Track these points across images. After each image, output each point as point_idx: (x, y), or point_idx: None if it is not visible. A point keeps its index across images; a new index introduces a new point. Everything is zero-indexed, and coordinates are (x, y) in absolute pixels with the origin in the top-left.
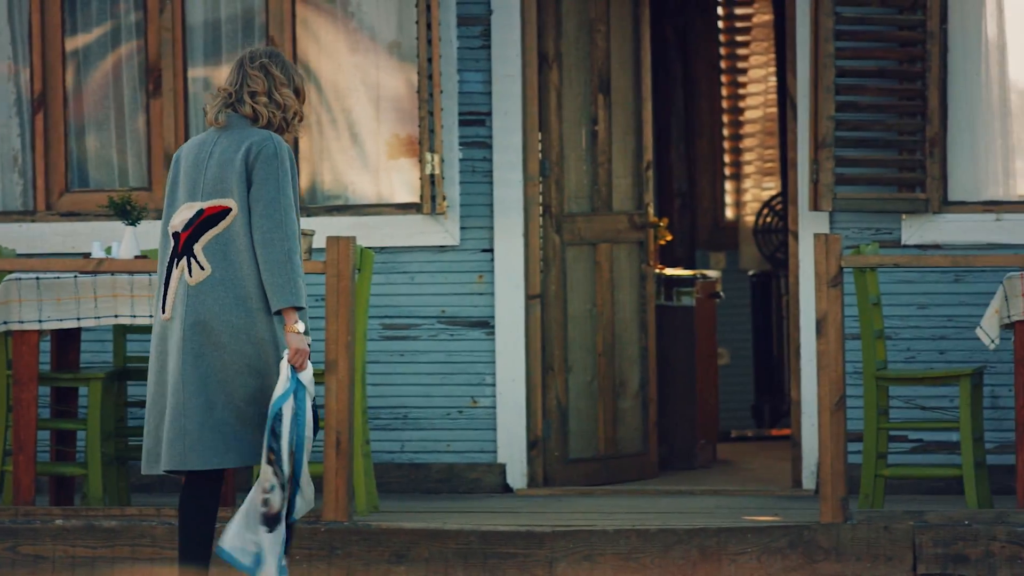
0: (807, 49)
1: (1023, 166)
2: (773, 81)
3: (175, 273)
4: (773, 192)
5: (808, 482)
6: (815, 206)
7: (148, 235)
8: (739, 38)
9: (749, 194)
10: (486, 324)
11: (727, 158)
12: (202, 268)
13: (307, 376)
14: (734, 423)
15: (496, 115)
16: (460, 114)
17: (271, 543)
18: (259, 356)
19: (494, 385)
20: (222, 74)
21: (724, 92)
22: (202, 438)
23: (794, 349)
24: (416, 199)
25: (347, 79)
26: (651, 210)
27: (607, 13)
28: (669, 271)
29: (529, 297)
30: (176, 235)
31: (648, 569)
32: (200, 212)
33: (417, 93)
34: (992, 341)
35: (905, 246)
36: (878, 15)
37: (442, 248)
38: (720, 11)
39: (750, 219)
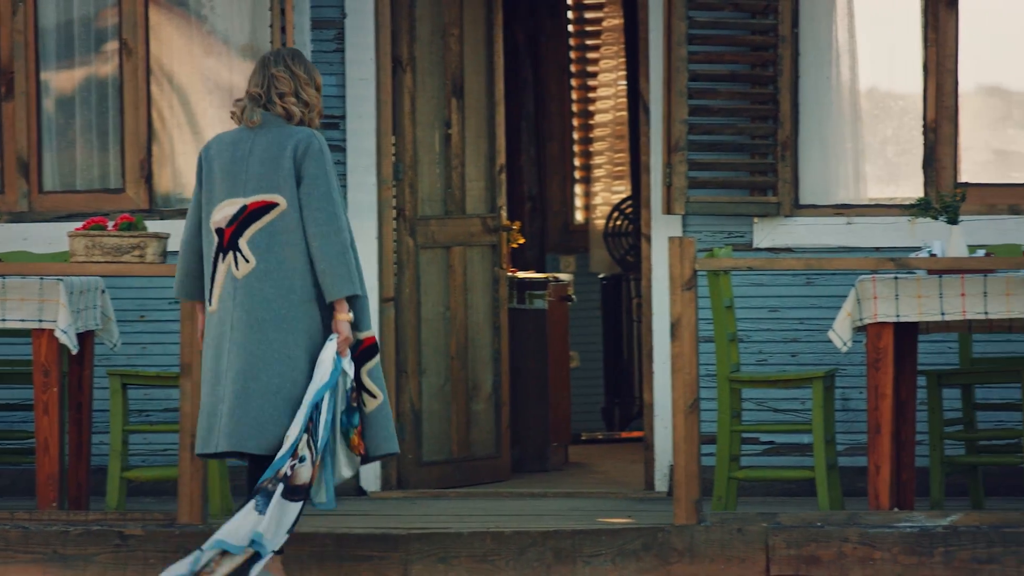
0: (660, 53)
1: (873, 169)
2: (623, 85)
3: (221, 267)
4: (623, 195)
5: (661, 484)
6: (668, 209)
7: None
8: (589, 42)
9: (599, 197)
10: None
11: (577, 161)
12: (247, 261)
13: (347, 363)
14: (584, 426)
15: (350, 119)
16: None
17: (284, 514)
18: (297, 345)
19: None
20: (75, 76)
21: (574, 96)
22: (237, 423)
23: (647, 352)
24: None
25: (201, 82)
26: (504, 213)
27: (460, 17)
28: (521, 274)
29: (383, 300)
30: (220, 231)
31: (503, 571)
32: (244, 208)
33: None
34: (844, 344)
35: (757, 249)
36: (730, 19)
37: None
38: (570, 15)
39: (600, 222)
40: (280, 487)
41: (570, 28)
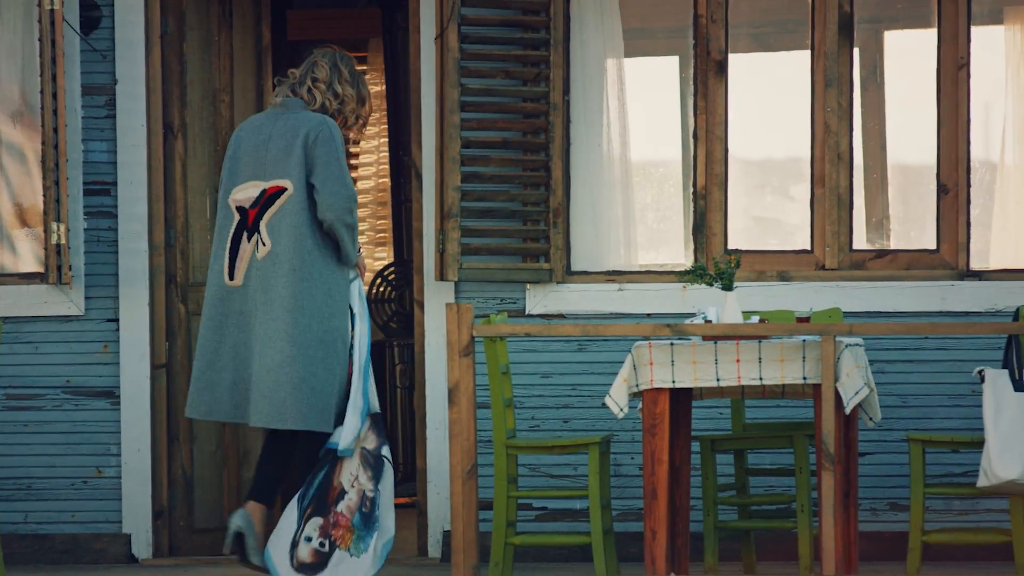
0: (432, 120)
1: (643, 236)
2: (386, 152)
3: (247, 246)
4: (386, 262)
5: (434, 550)
6: (441, 276)
7: None
8: None
9: None
10: (111, 394)
11: None
12: (264, 244)
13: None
14: None
15: (121, 185)
16: (85, 183)
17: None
18: (296, 324)
19: (119, 455)
20: None
21: None
22: (281, 403)
23: (420, 417)
24: (41, 269)
25: None
26: None
27: (231, 83)
28: None
29: (154, 367)
30: (244, 210)
31: None
32: (264, 192)
33: (42, 163)
34: (621, 410)
35: (530, 315)
36: (502, 87)
37: (67, 318)
38: None
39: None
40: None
41: None
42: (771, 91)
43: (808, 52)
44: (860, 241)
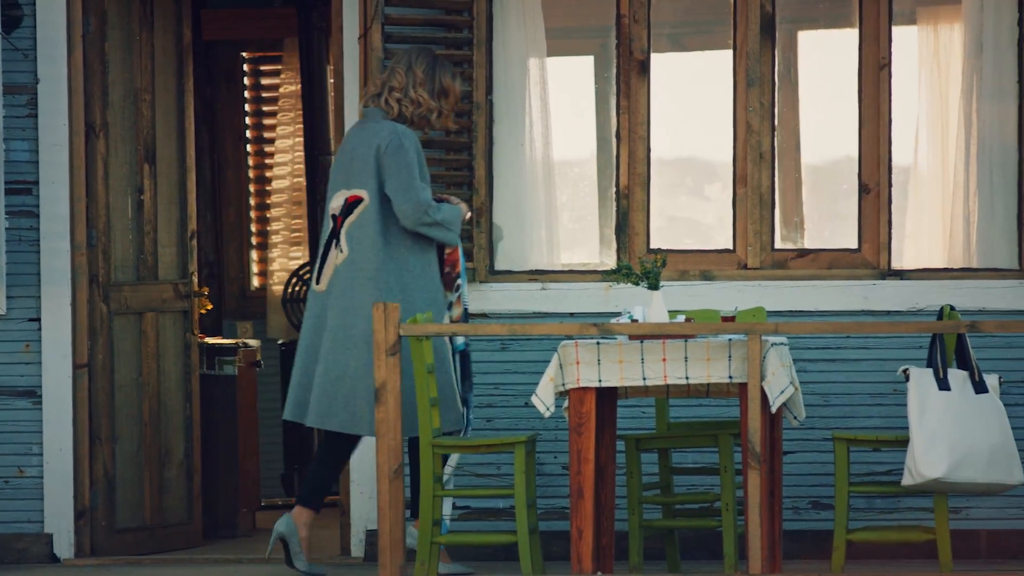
0: (355, 119)
1: (566, 236)
2: (301, 151)
3: (333, 252)
4: (301, 261)
5: (357, 550)
6: None
7: None
8: (266, 108)
9: (276, 263)
10: (33, 394)
11: (254, 227)
12: (343, 251)
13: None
14: (265, 492)
15: (43, 184)
16: (7, 183)
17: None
18: (367, 331)
19: (41, 455)
20: None
21: (251, 162)
22: (318, 402)
23: None
24: None
25: None
26: (195, 279)
27: (152, 83)
28: (211, 340)
29: (76, 366)
30: (335, 218)
31: None
32: (347, 200)
33: None
34: (548, 409)
35: None
36: None
37: None
38: (247, 81)
39: (278, 288)
40: None
41: (246, 95)
42: (693, 91)
43: (730, 52)
44: (782, 240)
